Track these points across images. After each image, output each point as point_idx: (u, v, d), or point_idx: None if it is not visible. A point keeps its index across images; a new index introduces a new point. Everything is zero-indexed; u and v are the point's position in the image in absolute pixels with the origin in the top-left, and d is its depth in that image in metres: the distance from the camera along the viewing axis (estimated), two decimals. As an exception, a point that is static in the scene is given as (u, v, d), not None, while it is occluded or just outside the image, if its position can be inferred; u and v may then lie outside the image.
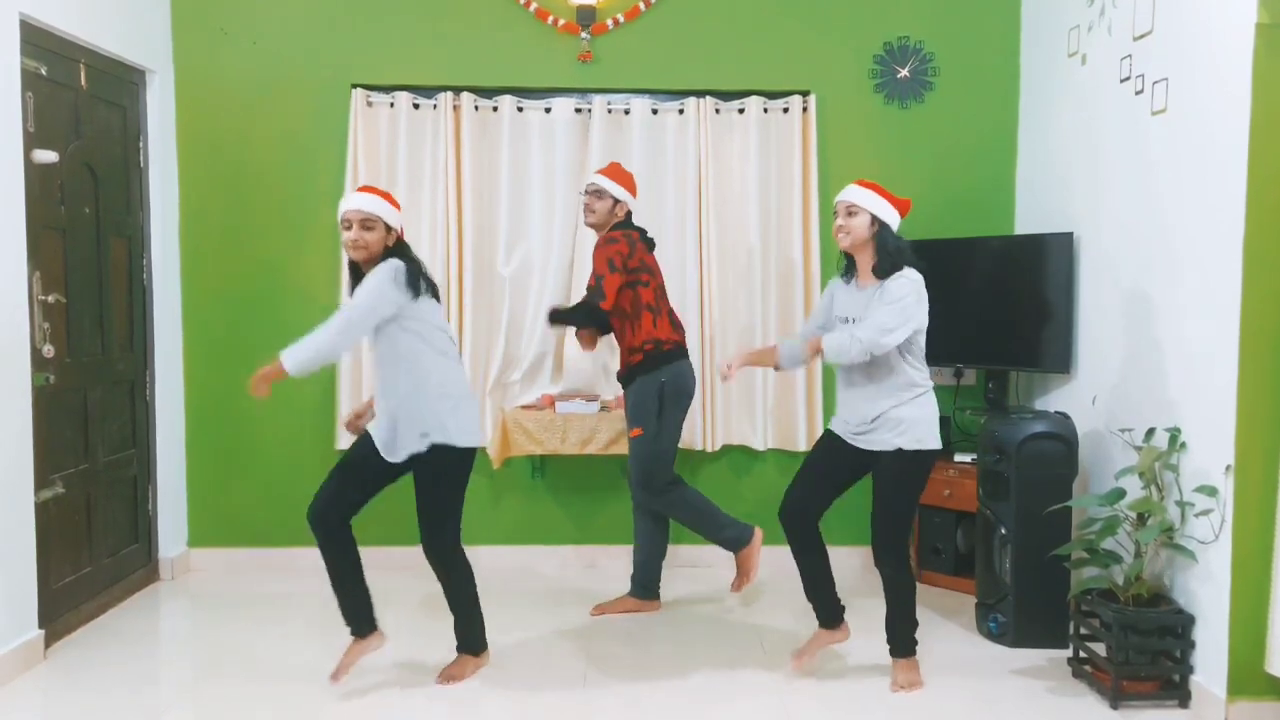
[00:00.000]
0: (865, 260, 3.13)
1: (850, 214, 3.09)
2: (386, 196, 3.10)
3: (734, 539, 3.77)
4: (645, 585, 3.94)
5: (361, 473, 3.13)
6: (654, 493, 3.74)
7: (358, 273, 3.12)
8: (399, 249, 3.10)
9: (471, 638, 3.29)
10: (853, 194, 3.10)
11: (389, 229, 3.07)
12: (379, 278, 2.98)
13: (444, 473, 3.11)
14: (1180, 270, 3.21)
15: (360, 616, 3.20)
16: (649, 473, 3.72)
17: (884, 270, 3.07)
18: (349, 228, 3.02)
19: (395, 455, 3.07)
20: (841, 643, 3.40)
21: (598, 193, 3.73)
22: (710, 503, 3.81)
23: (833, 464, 3.25)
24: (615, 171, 3.78)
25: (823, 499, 3.26)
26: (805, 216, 4.44)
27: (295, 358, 2.91)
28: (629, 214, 3.78)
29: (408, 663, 3.41)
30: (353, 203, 3.04)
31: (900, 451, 3.10)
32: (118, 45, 3.97)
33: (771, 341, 4.40)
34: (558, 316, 3.71)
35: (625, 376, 3.77)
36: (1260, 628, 2.90)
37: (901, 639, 3.26)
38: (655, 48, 4.46)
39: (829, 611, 3.34)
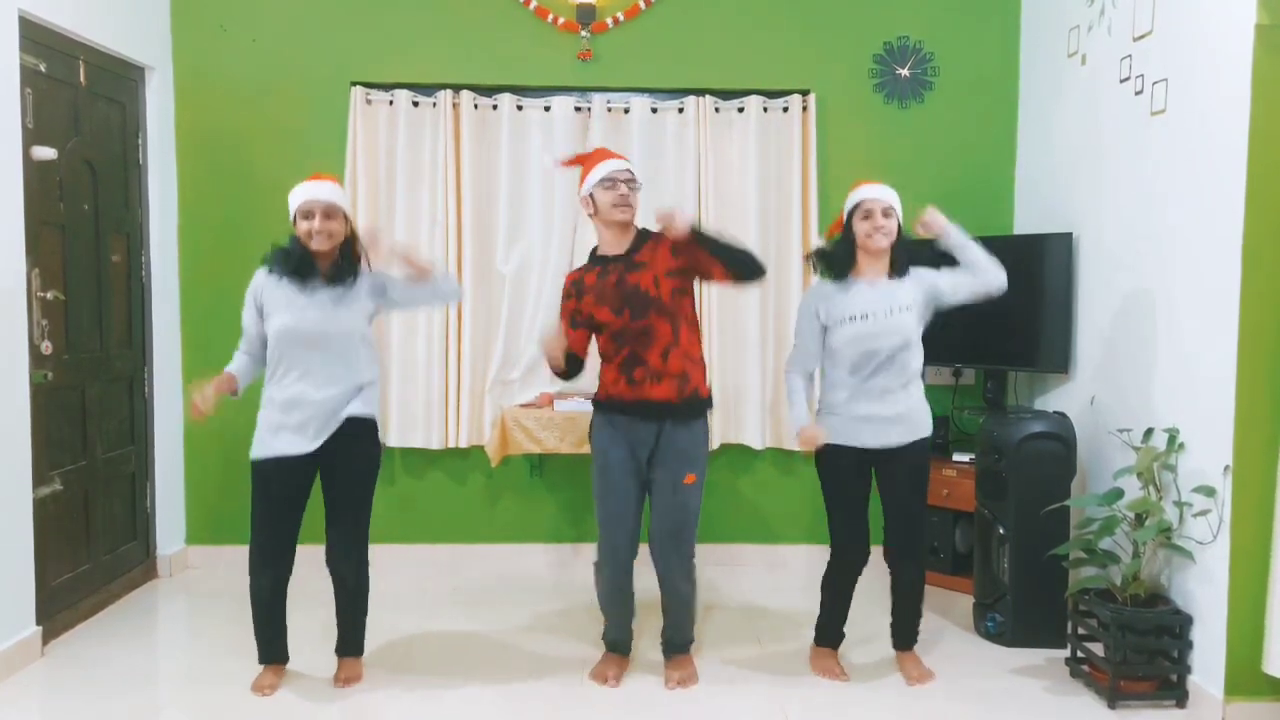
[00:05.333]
0: (879, 260, 3.16)
1: (887, 216, 3.12)
2: (338, 181, 3.18)
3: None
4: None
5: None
6: (689, 553, 3.16)
7: (303, 263, 3.05)
8: (353, 237, 3.13)
9: (361, 640, 3.29)
10: (890, 196, 3.14)
11: (346, 217, 3.10)
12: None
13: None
14: (1179, 270, 3.21)
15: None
16: (692, 528, 3.15)
17: (904, 268, 3.16)
18: (310, 217, 3.00)
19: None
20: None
21: (634, 184, 3.12)
22: None
23: (864, 487, 3.25)
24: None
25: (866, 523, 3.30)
26: (804, 216, 4.44)
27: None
28: None
29: (401, 659, 3.42)
30: (314, 192, 3.02)
31: (927, 439, 3.21)
32: (117, 42, 3.96)
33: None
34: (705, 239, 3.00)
35: (679, 408, 3.08)
36: (1258, 628, 2.90)
37: (915, 631, 3.34)
38: (655, 46, 4.46)
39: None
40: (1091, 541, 3.31)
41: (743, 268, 2.98)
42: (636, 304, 3.05)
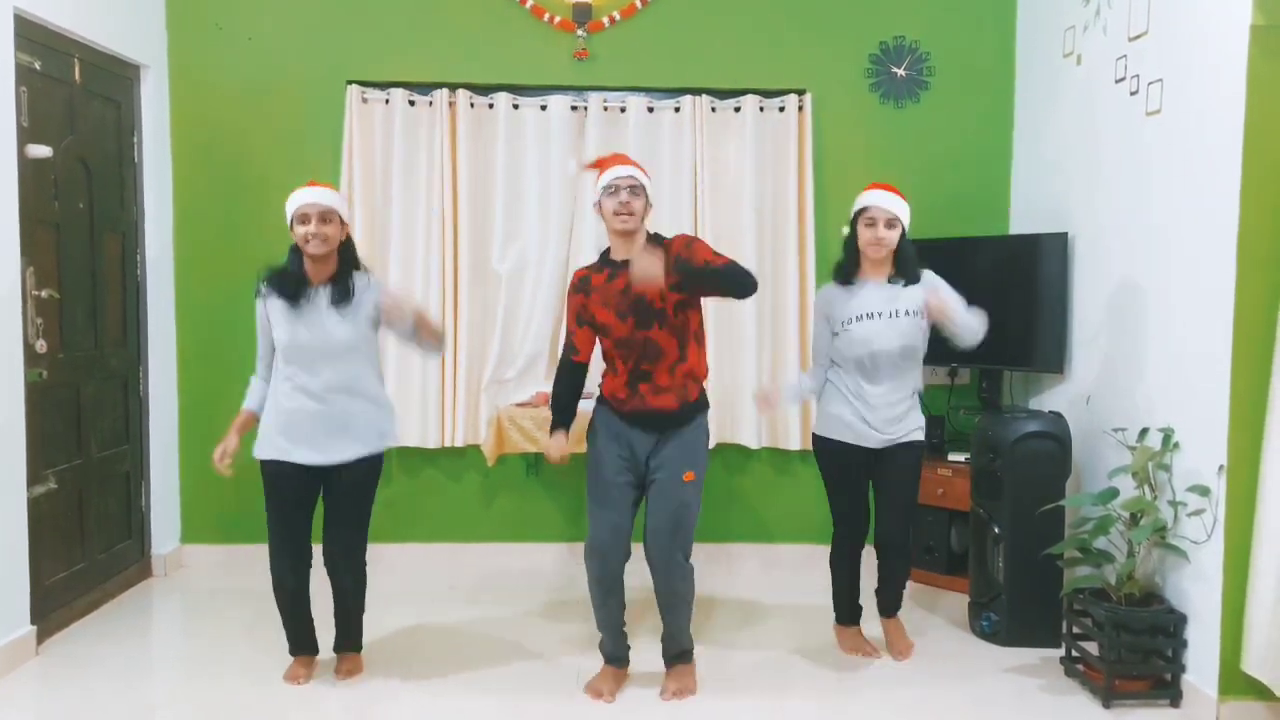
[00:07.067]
0: (883, 263, 3.26)
1: (890, 226, 3.19)
2: (334, 188, 3.18)
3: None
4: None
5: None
6: (686, 552, 3.08)
7: (299, 283, 3.04)
8: (349, 244, 3.13)
9: (359, 637, 3.34)
10: (894, 205, 3.20)
11: (343, 222, 3.09)
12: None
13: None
14: (1174, 271, 3.22)
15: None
16: (690, 527, 3.08)
17: (910, 273, 3.25)
18: (306, 221, 3.00)
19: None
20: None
21: (638, 189, 3.00)
22: None
23: (861, 475, 3.38)
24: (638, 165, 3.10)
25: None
26: (800, 215, 4.44)
27: None
28: None
29: (398, 658, 3.41)
30: (310, 196, 3.02)
31: (921, 443, 3.33)
32: (112, 40, 3.95)
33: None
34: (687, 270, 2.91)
35: (678, 414, 3.05)
36: (1252, 627, 2.91)
37: (899, 596, 3.49)
38: (651, 45, 4.46)
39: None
40: (1086, 541, 3.32)
41: (736, 288, 2.92)
42: (641, 314, 2.98)
